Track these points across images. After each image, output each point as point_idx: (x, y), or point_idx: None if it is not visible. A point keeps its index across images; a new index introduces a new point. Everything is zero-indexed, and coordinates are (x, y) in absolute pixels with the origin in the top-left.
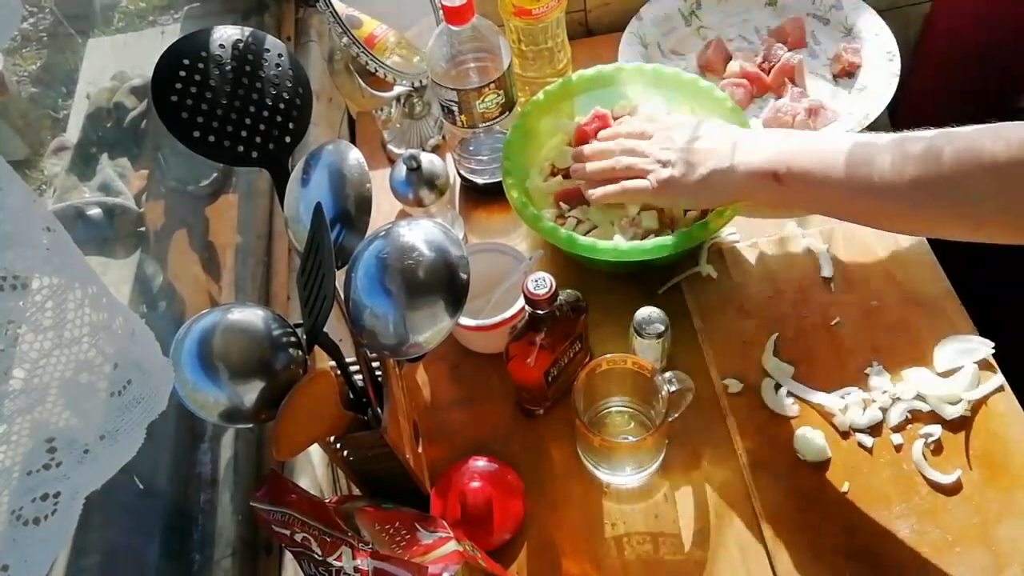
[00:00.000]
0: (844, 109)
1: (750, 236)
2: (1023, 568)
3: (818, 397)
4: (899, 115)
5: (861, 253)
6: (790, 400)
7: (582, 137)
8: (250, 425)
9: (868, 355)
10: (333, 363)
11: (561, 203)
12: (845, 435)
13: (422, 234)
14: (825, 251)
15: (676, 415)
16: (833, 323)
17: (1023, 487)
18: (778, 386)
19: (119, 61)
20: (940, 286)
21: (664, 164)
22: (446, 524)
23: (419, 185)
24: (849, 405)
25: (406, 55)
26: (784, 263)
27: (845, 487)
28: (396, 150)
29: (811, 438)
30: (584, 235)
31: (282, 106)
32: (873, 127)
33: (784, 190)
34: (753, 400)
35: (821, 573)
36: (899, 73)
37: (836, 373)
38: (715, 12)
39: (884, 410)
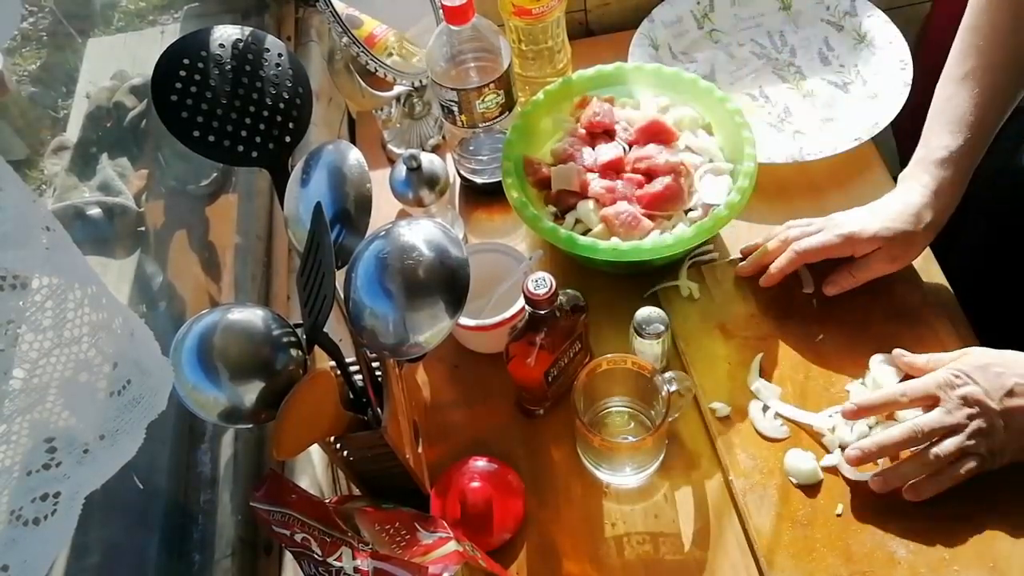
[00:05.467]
0: (853, 116)
1: (731, 253)
2: None
3: (806, 417)
4: (899, 114)
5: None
6: (778, 422)
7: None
8: (250, 425)
9: (854, 371)
10: (333, 363)
11: (551, 206)
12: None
13: (422, 234)
14: (805, 267)
15: (676, 415)
16: (817, 340)
17: (1019, 503)
18: (766, 408)
19: (119, 61)
20: (924, 299)
21: (989, 435)
22: (446, 524)
23: (419, 185)
24: (837, 425)
25: (406, 55)
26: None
27: (839, 510)
28: (396, 150)
29: (801, 462)
30: (584, 235)
31: (282, 106)
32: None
33: None
34: (741, 424)
35: None
36: (911, 83)
37: (823, 391)
38: (728, 16)
39: (871, 427)
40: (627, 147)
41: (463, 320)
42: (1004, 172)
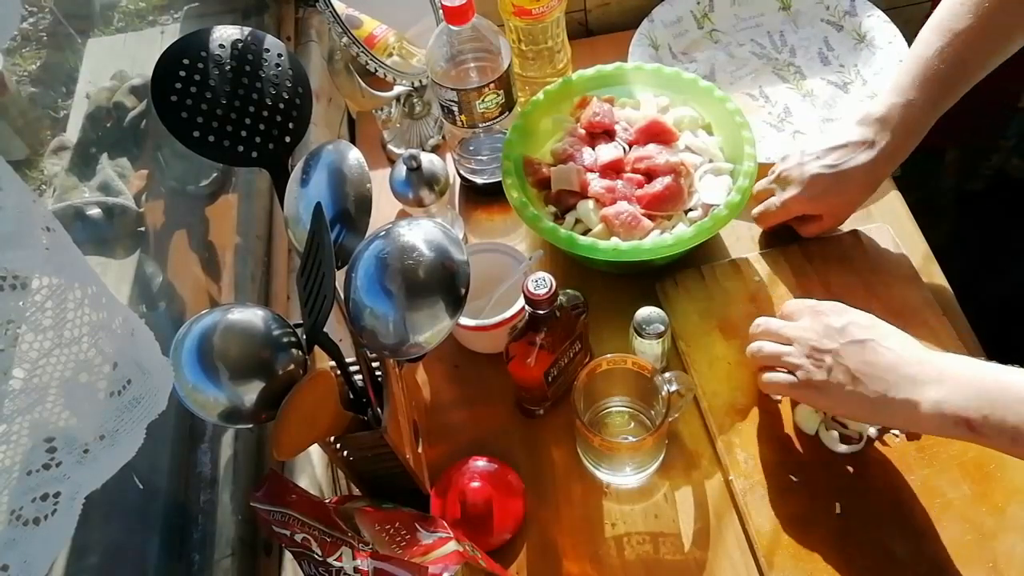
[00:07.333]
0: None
1: (732, 254)
2: None
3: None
4: None
5: (840, 266)
6: None
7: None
8: (250, 425)
9: None
10: (333, 363)
11: (551, 206)
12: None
13: (422, 234)
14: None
15: (676, 415)
16: None
17: (1017, 502)
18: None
19: (119, 61)
20: (922, 299)
21: (817, 365)
22: (446, 524)
23: (419, 185)
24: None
25: (406, 55)
26: (766, 279)
27: (839, 509)
28: (396, 150)
29: (810, 413)
30: (584, 235)
31: (282, 106)
32: None
33: (977, 438)
34: (741, 424)
35: None
36: None
37: None
38: (728, 16)
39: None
40: (627, 147)
41: (463, 320)
42: (1004, 171)
